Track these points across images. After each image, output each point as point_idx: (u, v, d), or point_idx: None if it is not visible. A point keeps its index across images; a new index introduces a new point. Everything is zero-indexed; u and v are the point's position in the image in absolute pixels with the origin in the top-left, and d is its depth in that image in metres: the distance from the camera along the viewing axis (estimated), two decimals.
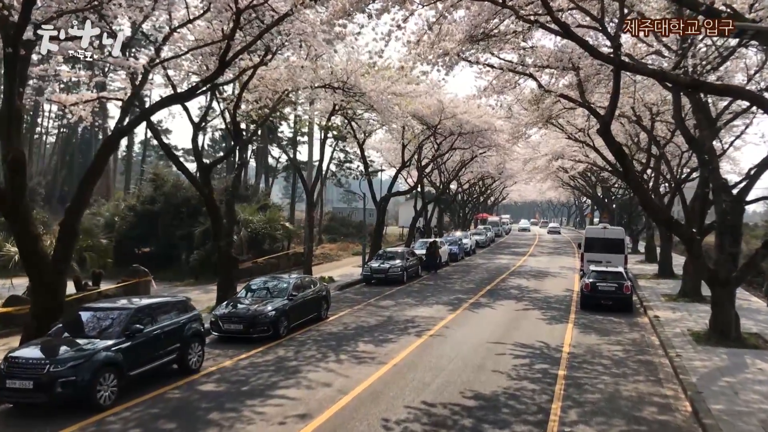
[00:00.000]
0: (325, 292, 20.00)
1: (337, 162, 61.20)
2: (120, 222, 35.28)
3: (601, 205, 61.36)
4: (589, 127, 29.79)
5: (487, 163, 48.26)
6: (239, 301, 17.67)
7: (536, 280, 30.76)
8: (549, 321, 19.85)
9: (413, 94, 25.46)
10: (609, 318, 20.40)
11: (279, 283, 18.55)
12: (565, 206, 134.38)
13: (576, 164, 42.19)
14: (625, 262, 28.08)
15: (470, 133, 34.26)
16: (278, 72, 21.42)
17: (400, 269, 28.53)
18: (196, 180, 20.45)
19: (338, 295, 25.09)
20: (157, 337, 12.42)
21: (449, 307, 22.10)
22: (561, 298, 24.78)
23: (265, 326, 16.49)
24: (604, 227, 29.55)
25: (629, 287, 21.68)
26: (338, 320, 19.65)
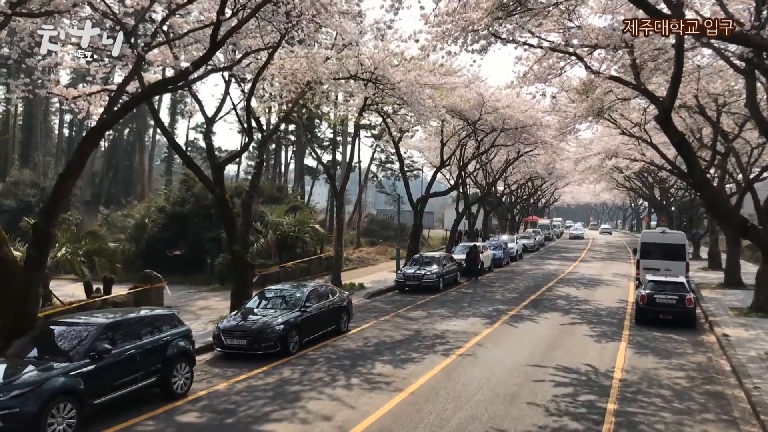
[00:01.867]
0: (345, 302, 18.09)
1: (378, 162, 59.42)
2: (150, 224, 34.30)
3: (658, 208, 57.69)
4: (645, 121, 27.06)
5: (535, 163, 45.60)
6: (249, 311, 15.94)
7: (586, 289, 28.15)
8: (598, 338, 17.43)
9: (448, 85, 23.33)
10: (669, 335, 17.85)
11: (293, 292, 16.73)
12: (620, 209, 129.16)
13: (631, 163, 39.13)
14: (687, 270, 25.23)
15: (514, 129, 31.82)
16: (299, 62, 19.72)
17: (435, 276, 26.40)
18: (207, 179, 18.87)
19: (366, 304, 23.18)
20: (131, 357, 10.72)
21: (486, 320, 19.88)
22: (613, 310, 22.22)
23: (272, 342, 14.70)
24: (663, 231, 26.70)
25: (692, 300, 19.03)
26: (359, 334, 17.71)
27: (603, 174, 51.44)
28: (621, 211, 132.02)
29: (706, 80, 22.37)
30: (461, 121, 31.21)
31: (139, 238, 33.83)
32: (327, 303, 17.07)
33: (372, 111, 28.72)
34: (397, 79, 20.80)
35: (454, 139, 34.13)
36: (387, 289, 26.88)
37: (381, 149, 54.78)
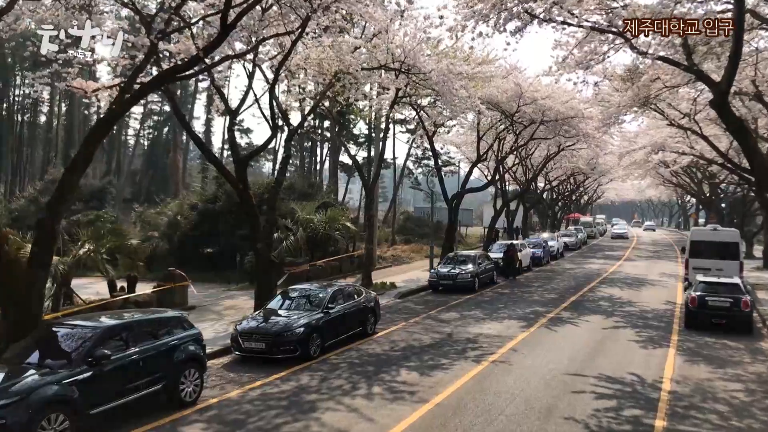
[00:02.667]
0: (372, 303, 17.17)
1: (414, 158, 58.37)
2: (183, 221, 34.01)
3: (707, 204, 55.16)
4: (695, 111, 25.39)
5: (577, 157, 43.85)
6: (270, 312, 15.16)
7: (631, 289, 26.62)
8: (645, 344, 16.12)
9: (483, 75, 22.18)
10: (722, 341, 16.41)
11: (316, 292, 15.87)
12: (667, 206, 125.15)
13: (679, 157, 37.12)
14: (741, 270, 23.50)
15: (554, 121, 30.36)
16: (325, 52, 18.88)
17: (470, 275, 25.27)
18: (230, 175, 18.19)
19: (397, 305, 22.23)
20: (134, 363, 9.99)
21: (522, 322, 18.71)
22: (660, 313, 20.76)
23: (292, 345, 13.88)
24: (714, 228, 24.97)
25: (748, 303, 17.50)
26: (387, 337, 16.77)
27: (648, 169, 49.36)
28: (667, 208, 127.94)
29: (764, 64, 20.74)
30: (498, 113, 29.93)
31: (171, 236, 33.59)
32: (352, 304, 16.18)
33: (405, 104, 27.73)
34: (428, 68, 19.73)
35: (492, 132, 32.86)
36: (420, 288, 25.88)
37: (417, 145, 53.75)
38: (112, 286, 19.77)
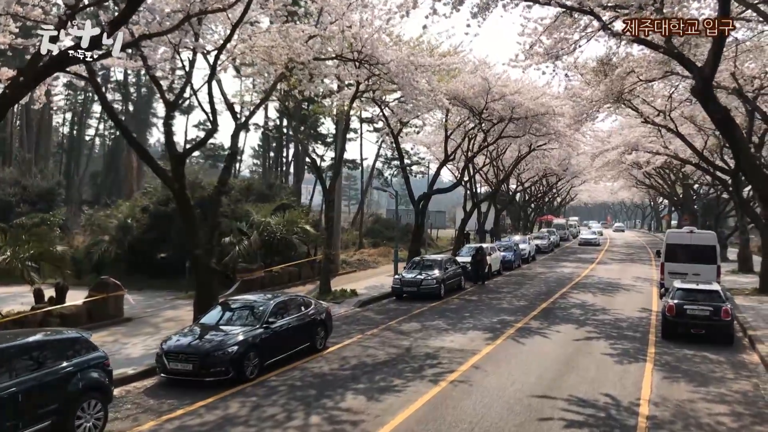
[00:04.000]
0: (323, 315, 15.53)
1: (384, 159, 56.87)
2: (135, 225, 31.98)
3: (679, 206, 54.56)
4: (670, 108, 24.29)
5: (549, 158, 42.71)
6: (202, 328, 13.45)
7: (604, 295, 25.35)
8: (619, 357, 14.73)
9: (446, 67, 20.73)
10: (702, 353, 15.12)
11: (256, 304, 14.19)
12: (639, 207, 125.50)
13: (653, 158, 36.17)
14: (718, 275, 22.39)
15: (524, 119, 29.01)
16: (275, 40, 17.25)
17: (435, 282, 23.77)
18: (164, 172, 16.46)
19: (355, 314, 20.64)
20: (11, 399, 8.25)
21: (488, 333, 17.23)
22: (635, 321, 19.46)
23: (223, 367, 12.19)
24: (691, 231, 23.80)
25: (728, 311, 16.22)
26: (338, 352, 15.15)
27: (621, 171, 48.54)
28: (640, 210, 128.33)
29: (741, 59, 19.67)
30: (466, 110, 28.52)
31: (122, 240, 31.58)
32: (298, 317, 14.53)
33: (369, 100, 26.20)
34: (387, 59, 18.20)
35: (460, 131, 31.46)
36: (383, 295, 24.30)
37: (387, 145, 52.23)
38: (39, 296, 17.86)
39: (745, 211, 27.55)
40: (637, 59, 19.40)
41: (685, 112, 26.79)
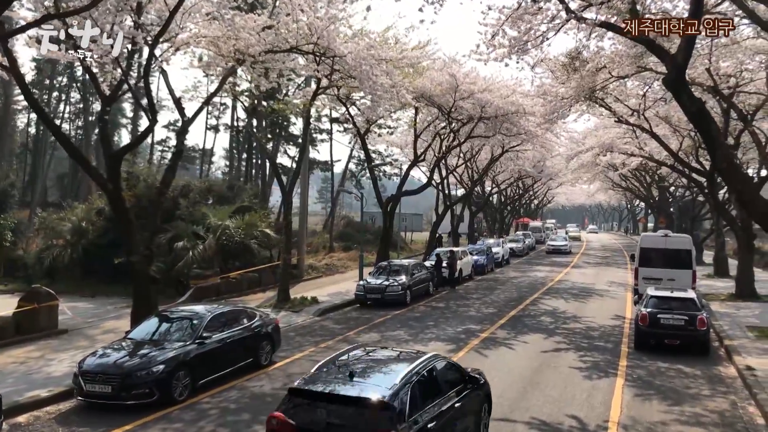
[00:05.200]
0: (269, 328, 14.26)
1: (357, 161, 55.65)
2: (90, 228, 30.41)
3: (656, 208, 54.06)
4: (644, 107, 23.40)
5: (522, 159, 41.81)
6: (130, 343, 12.12)
7: (577, 301, 24.38)
8: (589, 372, 13.68)
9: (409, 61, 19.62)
10: (677, 366, 14.16)
11: (191, 316, 12.89)
12: (616, 210, 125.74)
13: (628, 159, 35.40)
14: (694, 280, 21.54)
15: (494, 118, 27.99)
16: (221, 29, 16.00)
17: (400, 287, 22.62)
18: (96, 172, 15.12)
19: (313, 324, 19.40)
20: None
21: (450, 345, 16.09)
22: (608, 330, 18.47)
23: (147, 388, 10.89)
24: (666, 234, 22.92)
25: (704, 320, 15.27)
26: (284, 369, 13.90)
27: (597, 173, 47.91)
28: (617, 212, 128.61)
29: (716, 56, 18.80)
30: (435, 109, 27.45)
31: (76, 244, 30.01)
32: (239, 330, 13.25)
33: (332, 97, 25.01)
34: (344, 51, 17.02)
35: (430, 131, 30.38)
36: (345, 303, 23.08)
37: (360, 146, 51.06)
38: None
39: (721, 213, 26.79)
40: (608, 55, 18.45)
41: (660, 112, 26.01)
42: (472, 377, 9.09)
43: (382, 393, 7.05)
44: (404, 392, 7.19)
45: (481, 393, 9.25)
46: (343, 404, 7.15)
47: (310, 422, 7.15)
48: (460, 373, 8.87)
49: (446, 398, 8.02)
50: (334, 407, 7.21)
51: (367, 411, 6.96)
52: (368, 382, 7.57)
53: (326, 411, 7.25)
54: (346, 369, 7.76)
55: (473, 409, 8.77)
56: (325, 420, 7.17)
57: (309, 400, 7.36)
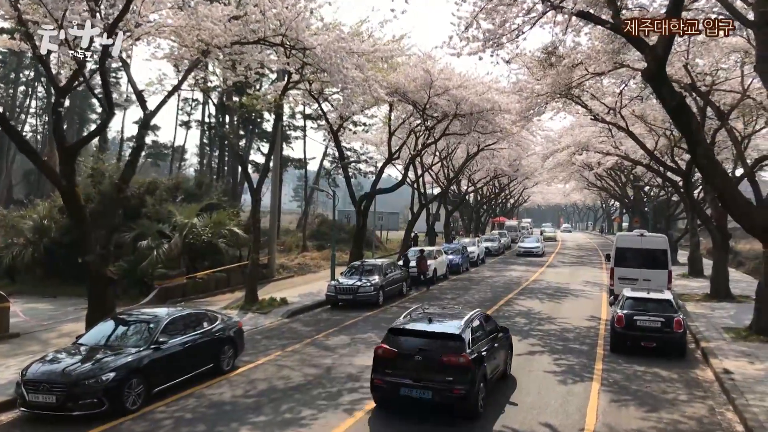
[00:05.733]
0: (232, 332, 13.60)
1: (332, 158, 54.88)
2: (52, 226, 29.34)
3: (631, 208, 54.24)
4: (620, 105, 23.13)
5: (498, 158, 41.48)
6: (80, 349, 11.38)
7: (552, 301, 24.03)
8: (563, 376, 13.24)
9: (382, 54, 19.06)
10: (653, 370, 13.81)
11: (147, 319, 12.17)
12: (591, 210, 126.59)
13: (603, 158, 35.26)
14: (670, 280, 21.31)
15: (469, 115, 27.54)
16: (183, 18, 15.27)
17: (373, 288, 22.05)
18: (49, 168, 14.32)
19: (281, 326, 18.73)
20: None
21: None
22: (583, 332, 18.09)
23: (96, 398, 10.17)
24: (641, 234, 22.65)
25: (681, 322, 14.95)
26: (247, 374, 13.24)
27: (572, 172, 47.82)
28: (592, 212, 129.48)
29: (693, 53, 18.54)
30: (410, 105, 26.93)
31: (38, 243, 28.94)
32: (199, 335, 12.56)
33: (304, 92, 24.35)
34: (313, 43, 16.38)
35: (405, 128, 29.85)
36: (316, 304, 22.44)
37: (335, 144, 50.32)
38: None
39: (697, 212, 26.67)
40: (585, 51, 18.09)
41: (635, 110, 25.81)
42: (503, 328, 13.24)
43: (454, 330, 10.80)
44: (467, 331, 10.87)
45: (509, 338, 13.28)
46: (429, 338, 10.78)
47: (406, 348, 10.62)
48: (495, 324, 12.86)
49: (489, 338, 11.74)
50: (423, 339, 10.73)
51: (446, 341, 10.57)
52: (443, 324, 11.27)
53: (417, 342, 10.70)
54: (424, 317, 11.66)
55: (504, 347, 12.73)
56: (417, 347, 10.56)
57: (404, 335, 10.88)
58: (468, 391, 10.07)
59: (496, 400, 11.28)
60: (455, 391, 10.05)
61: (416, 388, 10.21)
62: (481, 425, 10.18)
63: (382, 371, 10.58)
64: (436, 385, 10.11)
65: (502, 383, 12.37)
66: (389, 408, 10.76)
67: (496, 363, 11.74)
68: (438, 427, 10.12)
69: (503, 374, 12.58)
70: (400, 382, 10.32)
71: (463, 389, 10.03)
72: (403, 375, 10.36)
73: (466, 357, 10.25)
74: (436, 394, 10.14)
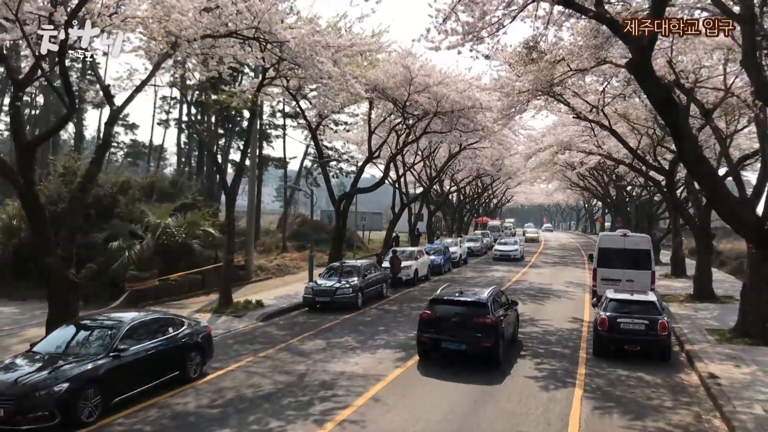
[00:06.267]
0: (200, 337, 12.97)
1: (314, 158, 54.13)
2: (23, 227, 28.40)
3: (613, 208, 54.11)
4: (603, 102, 22.78)
5: (481, 158, 41.07)
6: (31, 359, 10.71)
7: (534, 302, 23.60)
8: (545, 382, 12.76)
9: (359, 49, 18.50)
10: (638, 374, 13.39)
11: (108, 325, 11.52)
12: (574, 210, 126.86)
13: (586, 158, 34.96)
14: (653, 281, 20.98)
15: (450, 113, 27.04)
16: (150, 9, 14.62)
17: (351, 290, 21.49)
18: (6, 166, 13.56)
19: (255, 330, 18.12)
20: None
21: (400, 353, 15.06)
22: (566, 335, 17.67)
23: (47, 410, 9.52)
24: (624, 234, 22.28)
25: (666, 325, 14.54)
26: (215, 382, 12.62)
27: (555, 172, 47.59)
28: (575, 212, 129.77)
29: (677, 50, 18.19)
30: (390, 103, 26.38)
31: (6, 244, 28.02)
32: (163, 341, 11.92)
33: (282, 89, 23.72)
34: (287, 36, 15.78)
35: (385, 126, 29.31)
36: (293, 306, 21.83)
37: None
38: None
39: (680, 212, 26.39)
40: (567, 46, 17.65)
41: (618, 109, 25.49)
42: (513, 301, 16.70)
43: (481, 298, 14.13)
44: (491, 300, 14.16)
45: (516, 310, 16.67)
46: (462, 305, 13.98)
47: (444, 313, 13.84)
48: (507, 298, 16.40)
49: (504, 308, 15.04)
50: (457, 306, 13.97)
51: (476, 307, 13.75)
52: (472, 295, 14.57)
53: (453, 308, 13.97)
54: (455, 289, 15.53)
55: (514, 317, 16.23)
56: (453, 312, 13.82)
57: (442, 304, 14.14)
58: (493, 344, 13.37)
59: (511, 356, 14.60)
60: (483, 344, 13.37)
61: (453, 342, 13.59)
62: (501, 371, 13.29)
63: (427, 330, 13.91)
64: (469, 340, 13.43)
65: (512, 346, 15.48)
66: (431, 359, 14.10)
67: (509, 327, 15.06)
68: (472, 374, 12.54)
69: (513, 338, 15.78)
70: (441, 337, 13.66)
71: (489, 342, 13.34)
72: (443, 332, 13.67)
73: (491, 318, 13.54)
74: (468, 346, 13.49)
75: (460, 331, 13.48)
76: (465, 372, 13.26)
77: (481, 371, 13.31)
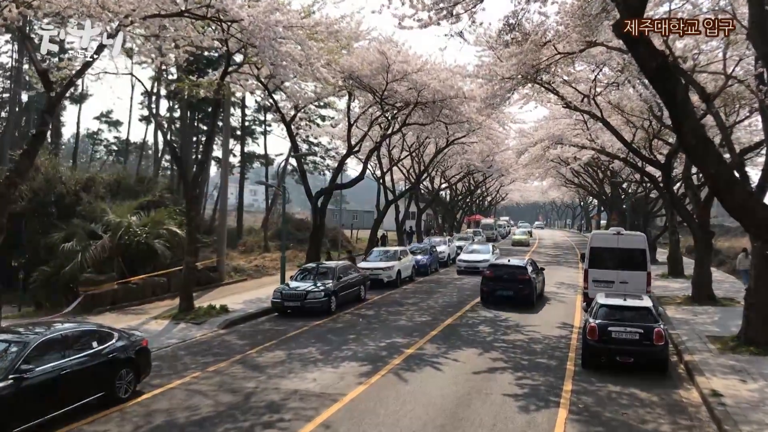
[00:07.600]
0: (131, 352, 11.36)
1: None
2: None
3: (609, 205, 52.59)
4: (595, 92, 21.25)
5: (470, 153, 39.49)
6: None
7: (522, 306, 22.02)
8: (526, 401, 11.20)
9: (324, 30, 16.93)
10: (630, 390, 11.86)
11: (11, 340, 9.89)
12: (570, 207, 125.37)
13: (579, 152, 33.45)
14: (648, 283, 19.47)
15: (431, 103, 25.46)
16: None
17: (324, 294, 19.91)
18: None
19: (212, 339, 16.53)
20: None
21: (367, 366, 13.47)
22: (553, 343, 16.11)
23: None
24: (618, 232, 20.75)
25: (662, 334, 12.99)
26: (147, 403, 11.03)
27: (548, 168, 46.03)
28: (570, 210, 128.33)
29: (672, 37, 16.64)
30: (368, 92, 24.79)
31: None
32: (83, 358, 10.31)
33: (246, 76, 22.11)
34: (240, 14, 14.19)
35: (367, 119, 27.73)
36: (261, 312, 20.27)
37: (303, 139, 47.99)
38: None
39: (677, 209, 24.88)
40: (554, 26, 16.10)
41: (611, 100, 23.98)
42: (542, 268, 24.64)
43: (523, 264, 22.30)
44: (528, 264, 22.38)
45: (543, 274, 24.19)
46: (510, 268, 21.86)
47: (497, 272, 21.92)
48: (537, 265, 23.94)
49: (536, 271, 22.92)
50: (506, 268, 21.90)
51: (518, 269, 21.73)
52: (516, 261, 23.16)
53: (503, 269, 21.93)
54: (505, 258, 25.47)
55: (542, 279, 23.81)
56: (504, 272, 21.76)
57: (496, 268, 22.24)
58: (530, 292, 21.05)
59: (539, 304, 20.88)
60: (524, 292, 21.02)
61: (504, 290, 21.24)
62: (534, 311, 20.12)
63: (487, 283, 21.69)
64: (514, 289, 21.12)
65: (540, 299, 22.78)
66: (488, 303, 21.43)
67: (539, 284, 22.59)
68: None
69: (541, 293, 23.00)
70: (496, 287, 21.38)
71: (527, 291, 21.04)
72: (497, 284, 21.41)
73: (528, 276, 21.26)
74: (514, 293, 21.06)
75: (509, 284, 21.18)
76: (436, 389, 11.71)
77: (454, 394, 11.74)
